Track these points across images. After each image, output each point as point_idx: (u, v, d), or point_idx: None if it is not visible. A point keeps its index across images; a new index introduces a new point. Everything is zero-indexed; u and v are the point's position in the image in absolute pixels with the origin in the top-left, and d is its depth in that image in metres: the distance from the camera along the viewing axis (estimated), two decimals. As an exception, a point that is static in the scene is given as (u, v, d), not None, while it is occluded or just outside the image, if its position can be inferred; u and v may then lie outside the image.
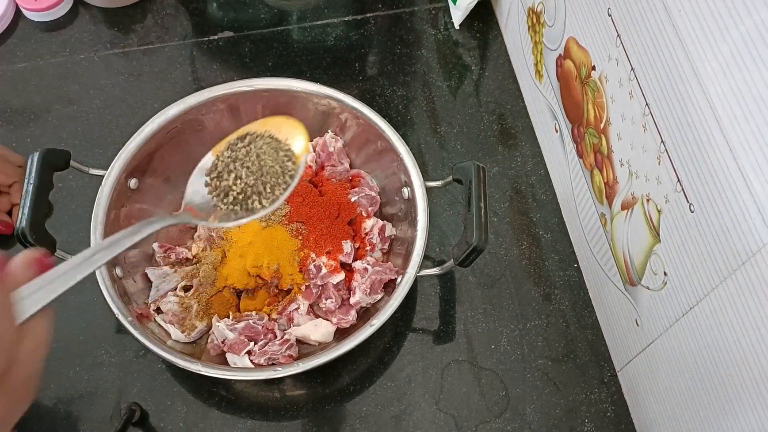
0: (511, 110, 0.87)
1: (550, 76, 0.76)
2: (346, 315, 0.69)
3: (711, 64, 0.45)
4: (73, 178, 0.80)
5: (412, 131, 0.85)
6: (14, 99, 0.87)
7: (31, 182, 0.62)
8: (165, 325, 0.67)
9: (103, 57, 0.90)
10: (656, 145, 0.54)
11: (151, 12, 0.94)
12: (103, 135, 0.84)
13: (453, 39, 0.92)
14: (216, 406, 0.70)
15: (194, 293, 0.69)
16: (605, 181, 0.66)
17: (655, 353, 0.62)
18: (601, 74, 0.62)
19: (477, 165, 0.63)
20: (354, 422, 0.69)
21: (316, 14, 0.94)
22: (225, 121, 0.75)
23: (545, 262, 0.77)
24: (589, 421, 0.70)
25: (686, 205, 0.51)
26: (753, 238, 0.44)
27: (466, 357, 0.72)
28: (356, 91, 0.87)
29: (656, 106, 0.53)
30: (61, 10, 0.92)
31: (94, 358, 0.72)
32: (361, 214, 0.73)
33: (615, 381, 0.71)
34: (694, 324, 0.54)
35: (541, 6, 0.75)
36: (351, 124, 0.74)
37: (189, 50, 0.91)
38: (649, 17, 0.51)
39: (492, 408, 0.70)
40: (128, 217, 0.70)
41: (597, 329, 0.74)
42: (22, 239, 0.60)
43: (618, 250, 0.66)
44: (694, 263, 0.52)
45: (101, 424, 0.69)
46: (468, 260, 0.61)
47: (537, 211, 0.80)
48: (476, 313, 0.75)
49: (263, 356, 0.66)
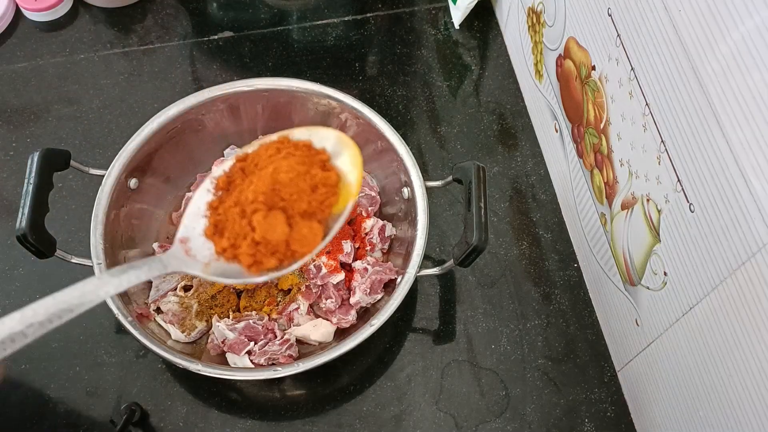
0: (511, 110, 0.87)
1: (550, 76, 0.76)
2: (346, 315, 0.69)
3: (711, 65, 0.45)
4: (73, 178, 0.80)
5: (412, 131, 0.85)
6: (14, 99, 0.87)
7: (31, 182, 0.62)
8: (165, 325, 0.67)
9: (103, 57, 0.90)
10: (656, 145, 0.54)
11: (151, 12, 0.94)
12: (103, 135, 0.84)
13: (453, 39, 0.92)
14: (216, 406, 0.70)
15: (194, 293, 0.69)
16: (605, 181, 0.66)
17: (655, 353, 0.62)
18: (601, 74, 0.62)
19: (477, 165, 0.63)
20: (354, 422, 0.69)
21: (316, 14, 0.94)
22: (225, 120, 0.75)
23: (545, 262, 0.77)
24: (589, 421, 0.70)
25: (686, 205, 0.51)
26: (753, 238, 0.44)
27: (466, 357, 0.72)
28: (356, 91, 0.87)
29: (656, 106, 0.53)
30: (61, 10, 0.92)
31: (94, 358, 0.72)
32: (361, 214, 0.73)
33: (615, 381, 0.71)
34: (694, 324, 0.54)
35: (541, 6, 0.75)
36: (351, 124, 0.74)
37: (189, 50, 0.91)
38: (649, 17, 0.51)
39: (492, 408, 0.70)
40: (128, 217, 0.70)
41: (597, 329, 0.74)
42: (22, 239, 0.60)
43: (618, 250, 0.66)
44: (694, 263, 0.52)
45: (101, 424, 0.69)
46: (468, 260, 0.61)
47: (537, 211, 0.80)
48: (476, 313, 0.75)
49: (263, 356, 0.66)
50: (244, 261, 0.44)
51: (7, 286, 0.75)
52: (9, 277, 0.75)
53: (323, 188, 0.45)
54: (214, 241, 0.45)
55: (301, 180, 0.45)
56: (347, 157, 0.47)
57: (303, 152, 0.47)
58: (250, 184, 0.45)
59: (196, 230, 0.46)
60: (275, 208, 0.44)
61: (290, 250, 0.45)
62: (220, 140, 0.77)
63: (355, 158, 0.47)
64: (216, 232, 0.45)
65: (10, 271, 0.76)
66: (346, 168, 0.47)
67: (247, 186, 0.45)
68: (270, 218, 0.43)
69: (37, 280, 0.75)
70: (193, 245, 0.46)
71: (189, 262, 0.45)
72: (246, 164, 0.47)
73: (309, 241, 0.45)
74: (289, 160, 0.45)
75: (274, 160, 0.46)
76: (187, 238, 0.46)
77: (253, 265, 0.44)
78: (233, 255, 0.45)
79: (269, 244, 0.44)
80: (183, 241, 0.46)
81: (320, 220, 0.46)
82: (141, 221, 0.72)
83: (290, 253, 0.45)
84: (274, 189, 0.44)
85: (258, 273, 0.45)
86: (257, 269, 0.44)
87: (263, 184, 0.44)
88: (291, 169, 0.45)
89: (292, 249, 0.45)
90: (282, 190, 0.44)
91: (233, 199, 0.45)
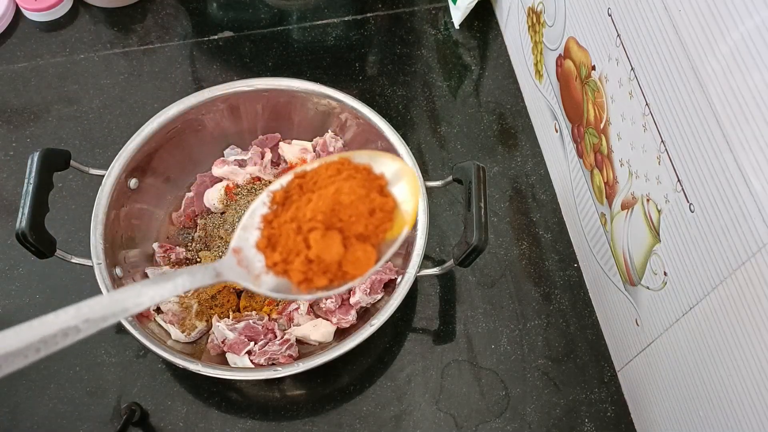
0: (511, 110, 0.87)
1: (550, 76, 0.76)
2: (346, 315, 0.69)
3: (711, 65, 0.45)
4: (73, 178, 0.80)
5: (412, 131, 0.85)
6: (14, 99, 0.87)
7: (31, 182, 0.62)
8: (165, 324, 0.67)
9: (103, 57, 0.90)
10: (656, 145, 0.54)
11: (151, 12, 0.94)
12: (103, 135, 0.84)
13: (453, 39, 0.92)
14: (216, 406, 0.70)
15: (194, 293, 0.69)
16: (605, 181, 0.66)
17: (655, 353, 0.62)
18: (601, 74, 0.62)
19: (477, 165, 0.63)
20: (354, 422, 0.69)
21: (316, 14, 0.94)
22: (225, 120, 0.75)
23: (545, 262, 0.77)
24: (589, 421, 0.70)
25: (686, 205, 0.51)
26: (753, 238, 0.44)
27: (466, 357, 0.72)
28: (356, 91, 0.87)
29: (656, 106, 0.53)
30: (61, 10, 0.92)
31: (94, 358, 0.72)
32: (361, 214, 0.72)
33: (615, 381, 0.71)
34: (694, 324, 0.54)
35: (541, 6, 0.75)
36: (351, 124, 0.74)
37: (189, 50, 0.91)
38: (649, 17, 0.51)
39: (492, 408, 0.70)
40: (128, 217, 0.70)
41: (597, 329, 0.74)
42: (22, 239, 0.60)
43: (618, 250, 0.66)
44: (694, 263, 0.52)
45: (101, 424, 0.69)
46: (468, 260, 0.61)
47: (537, 211, 0.80)
48: (476, 313, 0.75)
49: (263, 356, 0.66)
50: (294, 277, 0.44)
51: (7, 286, 0.75)
52: (9, 277, 0.75)
53: (380, 213, 0.45)
54: (266, 254, 0.45)
55: (361, 203, 0.45)
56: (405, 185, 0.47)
57: (363, 176, 0.47)
58: (308, 202, 0.45)
59: (249, 241, 0.46)
60: (332, 228, 0.44)
61: (342, 271, 0.44)
62: (220, 140, 0.77)
63: (413, 188, 0.47)
64: (269, 245, 0.45)
65: (10, 271, 0.76)
66: (403, 196, 0.47)
67: (305, 203, 0.45)
68: (327, 238, 0.44)
69: (37, 280, 0.75)
70: (245, 256, 0.46)
71: (241, 273, 0.45)
72: (305, 181, 0.47)
73: (362, 264, 0.45)
74: (350, 182, 0.45)
75: (335, 181, 0.46)
76: (240, 248, 0.46)
77: (303, 282, 0.44)
78: (284, 270, 0.44)
79: (322, 263, 0.44)
80: (236, 251, 0.46)
81: (374, 244, 0.46)
82: (141, 221, 0.72)
83: (341, 274, 0.45)
84: (334, 210, 0.44)
85: (307, 291, 0.44)
86: (307, 287, 0.44)
87: (324, 204, 0.44)
88: (352, 192, 0.45)
89: (343, 270, 0.44)
90: (341, 212, 0.44)
91: (290, 215, 0.45)
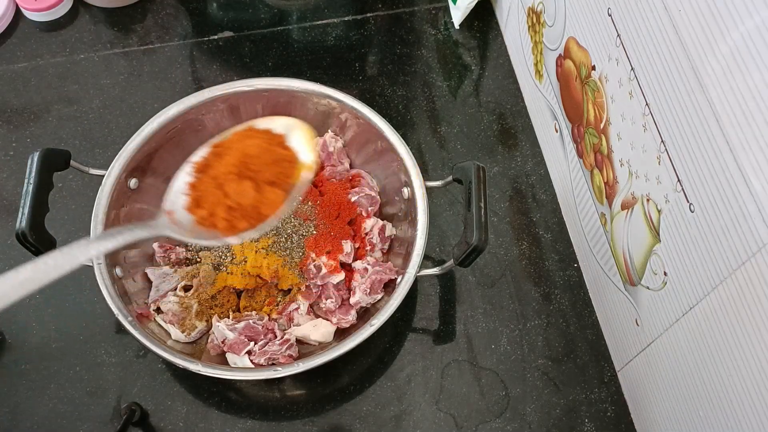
0: (511, 110, 0.87)
1: (550, 76, 0.76)
2: (346, 315, 0.69)
3: (711, 65, 0.45)
4: (73, 178, 0.80)
5: (412, 131, 0.85)
6: (14, 99, 0.87)
7: (31, 182, 0.62)
8: (165, 325, 0.67)
9: (103, 57, 0.90)
10: (656, 145, 0.54)
11: (151, 12, 0.94)
12: (103, 135, 0.84)
13: (453, 39, 0.92)
14: (216, 406, 0.70)
15: (194, 293, 0.69)
16: (605, 181, 0.66)
17: (655, 353, 0.62)
18: (601, 74, 0.62)
19: (477, 165, 0.63)
20: (354, 422, 0.69)
21: (316, 14, 0.94)
22: (225, 120, 0.75)
23: (545, 262, 0.77)
24: (589, 421, 0.70)
25: (686, 205, 0.51)
26: (753, 238, 0.44)
27: (466, 357, 0.72)
28: (356, 91, 0.88)
29: (656, 106, 0.53)
30: (61, 10, 0.92)
31: (94, 358, 0.72)
32: (361, 214, 0.73)
33: (615, 381, 0.71)
34: (694, 324, 0.54)
35: (541, 6, 0.75)
36: (351, 124, 0.74)
37: (189, 50, 0.91)
38: (649, 17, 0.51)
39: (492, 408, 0.70)
40: (128, 217, 0.70)
41: (597, 329, 0.74)
42: (22, 239, 0.60)
43: (618, 250, 0.66)
44: (694, 263, 0.52)
45: (101, 424, 0.69)
46: (468, 260, 0.61)
47: (537, 211, 0.80)
48: (476, 313, 0.75)
49: (263, 356, 0.66)
50: (220, 225, 0.52)
51: (7, 286, 0.75)
52: (9, 277, 0.75)
53: (284, 162, 0.55)
54: (195, 213, 0.53)
55: (265, 154, 0.55)
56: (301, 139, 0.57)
57: (266, 135, 0.57)
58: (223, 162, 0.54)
59: (177, 204, 0.53)
60: (245, 178, 0.53)
61: (258, 213, 0.53)
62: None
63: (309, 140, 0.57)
64: (196, 206, 0.53)
65: (10, 271, 0.76)
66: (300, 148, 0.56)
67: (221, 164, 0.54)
68: (241, 185, 0.52)
69: (37, 280, 0.75)
70: (177, 218, 0.53)
71: (174, 228, 0.52)
72: (220, 149, 0.56)
73: (274, 204, 0.53)
74: (255, 140, 0.56)
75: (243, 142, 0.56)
76: (172, 211, 0.53)
77: (228, 229, 0.52)
78: (211, 223, 0.52)
79: (241, 208, 0.52)
80: (169, 213, 0.53)
81: (283, 189, 0.54)
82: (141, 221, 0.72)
83: (258, 216, 0.53)
84: (244, 161, 0.53)
85: (233, 234, 0.52)
86: (232, 232, 0.52)
87: (234, 158, 0.53)
88: (257, 146, 0.55)
89: (260, 212, 0.53)
90: (250, 163, 0.53)
91: (210, 176, 0.54)
